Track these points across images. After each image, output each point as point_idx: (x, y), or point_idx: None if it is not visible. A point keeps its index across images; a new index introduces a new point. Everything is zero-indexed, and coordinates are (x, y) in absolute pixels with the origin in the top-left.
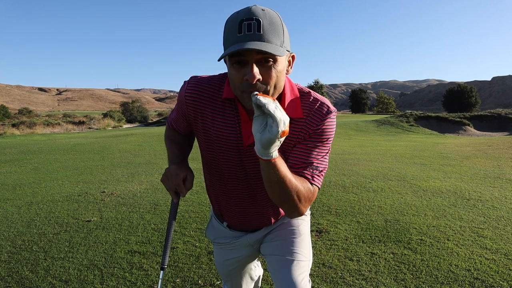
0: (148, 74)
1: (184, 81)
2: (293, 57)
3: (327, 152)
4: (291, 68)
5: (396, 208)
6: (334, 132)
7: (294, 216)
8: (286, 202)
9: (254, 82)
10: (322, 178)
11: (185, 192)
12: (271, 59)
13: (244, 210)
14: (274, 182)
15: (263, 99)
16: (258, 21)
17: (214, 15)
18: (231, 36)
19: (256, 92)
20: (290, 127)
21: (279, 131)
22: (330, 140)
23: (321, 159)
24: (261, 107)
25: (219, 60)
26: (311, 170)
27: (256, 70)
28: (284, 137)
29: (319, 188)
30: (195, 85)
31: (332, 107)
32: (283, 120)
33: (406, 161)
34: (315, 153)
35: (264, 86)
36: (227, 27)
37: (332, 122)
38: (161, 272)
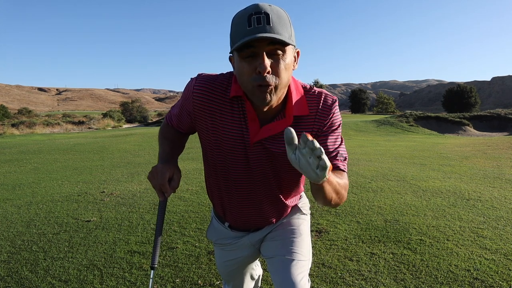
0: (148, 74)
1: (191, 78)
2: (298, 53)
3: (342, 138)
4: (296, 63)
5: (396, 208)
6: (340, 117)
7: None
8: (338, 202)
9: (265, 74)
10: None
11: (169, 192)
12: (280, 51)
13: (248, 209)
14: (329, 195)
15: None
16: (267, 15)
17: (214, 15)
18: (240, 30)
19: (308, 136)
20: (299, 125)
21: (326, 176)
22: (340, 126)
23: (341, 146)
24: (319, 158)
25: (230, 52)
26: (341, 159)
27: (267, 60)
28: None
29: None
30: (203, 83)
31: (333, 96)
32: (328, 165)
33: (406, 161)
34: (332, 141)
35: (274, 79)
36: (235, 23)
37: (337, 110)
38: (152, 271)
